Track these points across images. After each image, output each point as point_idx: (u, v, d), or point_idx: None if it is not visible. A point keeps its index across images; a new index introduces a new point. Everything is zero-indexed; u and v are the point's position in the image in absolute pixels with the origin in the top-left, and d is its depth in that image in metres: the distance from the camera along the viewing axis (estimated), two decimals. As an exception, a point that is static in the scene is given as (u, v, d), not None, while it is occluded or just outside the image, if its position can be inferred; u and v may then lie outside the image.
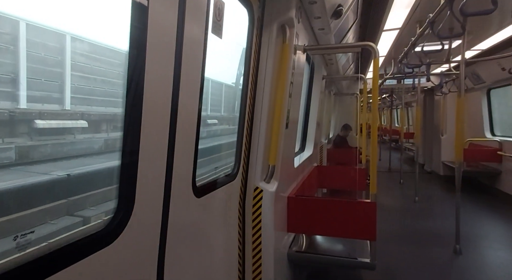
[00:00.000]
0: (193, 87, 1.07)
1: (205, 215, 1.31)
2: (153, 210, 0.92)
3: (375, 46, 1.98)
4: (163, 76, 0.90)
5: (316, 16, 2.07)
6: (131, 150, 0.81)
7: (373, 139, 2.07)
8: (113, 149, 8.84)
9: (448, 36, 2.14)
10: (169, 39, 0.91)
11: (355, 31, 3.31)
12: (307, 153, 3.50)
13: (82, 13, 3.01)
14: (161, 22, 0.86)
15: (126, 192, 0.81)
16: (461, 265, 2.81)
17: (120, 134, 0.82)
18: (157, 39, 0.85)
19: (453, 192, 3.04)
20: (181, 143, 1.02)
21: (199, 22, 1.05)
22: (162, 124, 0.92)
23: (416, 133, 5.75)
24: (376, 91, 2.01)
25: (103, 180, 5.72)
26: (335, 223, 2.03)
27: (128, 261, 0.83)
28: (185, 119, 1.03)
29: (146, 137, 0.84)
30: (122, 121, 0.80)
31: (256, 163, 1.70)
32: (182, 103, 0.99)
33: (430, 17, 2.28)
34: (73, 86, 7.95)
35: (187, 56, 0.98)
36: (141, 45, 0.80)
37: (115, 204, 0.80)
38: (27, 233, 0.78)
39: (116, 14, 1.18)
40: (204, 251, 1.31)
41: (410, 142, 10.55)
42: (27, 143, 6.65)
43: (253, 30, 1.60)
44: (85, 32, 6.32)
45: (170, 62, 0.92)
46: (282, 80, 1.70)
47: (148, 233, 0.91)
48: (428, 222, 3.96)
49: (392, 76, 5.07)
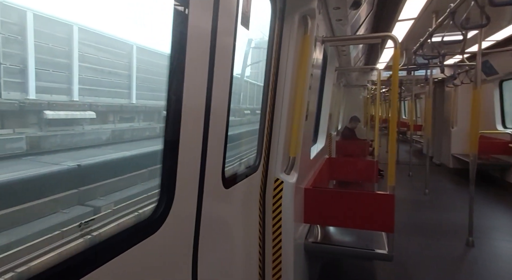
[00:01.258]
0: (224, 82, 1.10)
1: (231, 206, 1.33)
2: (190, 200, 0.95)
3: (396, 37, 1.95)
4: (200, 74, 0.94)
5: (336, 7, 2.04)
6: (172, 142, 0.85)
7: (391, 132, 2.05)
8: (120, 140, 8.86)
9: (472, 27, 2.09)
10: (205, 39, 0.95)
11: (369, 22, 3.26)
12: (320, 144, 3.50)
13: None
14: (199, 26, 0.91)
15: (168, 182, 0.84)
16: (474, 257, 2.82)
17: (162, 128, 0.85)
18: (195, 41, 0.90)
19: (463, 184, 3.03)
20: (213, 135, 1.03)
21: (230, 16, 1.08)
22: (198, 119, 0.95)
23: (426, 125, 5.71)
24: (396, 83, 1.98)
25: (112, 171, 5.75)
26: (353, 215, 2.04)
27: (169, 249, 0.87)
28: (217, 112, 1.05)
29: (185, 131, 0.88)
30: (165, 117, 0.85)
31: (277, 154, 1.70)
32: (215, 98, 1.03)
33: (451, 7, 2.23)
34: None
35: (219, 52, 1.02)
36: (182, 48, 0.85)
37: (158, 194, 0.83)
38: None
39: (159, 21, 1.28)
40: (229, 242, 1.34)
41: (418, 134, 10.48)
42: (37, 133, 6.68)
43: (275, 21, 1.58)
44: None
45: (205, 60, 0.96)
46: (303, 72, 1.69)
47: (186, 222, 0.94)
48: (439, 214, 3.96)
49: (406, 67, 5.00)
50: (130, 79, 9.40)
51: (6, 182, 4.05)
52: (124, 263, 0.69)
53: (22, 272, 1.59)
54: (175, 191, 0.84)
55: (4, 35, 5.76)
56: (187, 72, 0.86)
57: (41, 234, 3.55)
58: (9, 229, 3.62)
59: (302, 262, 2.06)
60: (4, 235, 3.52)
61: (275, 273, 1.71)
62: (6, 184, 4.00)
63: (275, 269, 1.72)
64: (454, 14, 2.24)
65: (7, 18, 5.81)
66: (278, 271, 1.71)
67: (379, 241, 2.15)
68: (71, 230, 2.96)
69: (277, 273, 1.72)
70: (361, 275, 2.58)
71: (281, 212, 1.70)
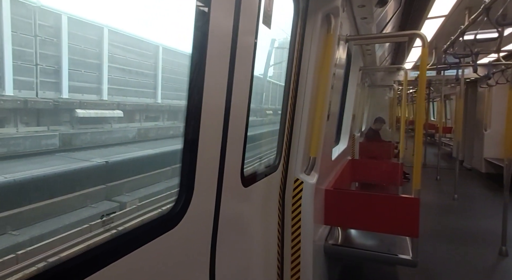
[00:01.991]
0: (244, 82, 1.10)
1: (249, 204, 1.33)
2: (208, 198, 0.96)
3: (424, 34, 1.87)
4: (220, 74, 0.95)
5: (361, 5, 1.99)
6: (192, 141, 0.86)
7: (418, 135, 1.98)
8: (145, 138, 9.10)
9: (508, 23, 1.97)
10: (226, 38, 0.96)
11: (396, 20, 3.16)
12: (342, 145, 3.44)
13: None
14: (220, 25, 0.91)
15: (187, 180, 0.86)
16: (508, 268, 2.66)
17: (182, 127, 0.86)
18: (216, 40, 0.90)
19: (496, 190, 2.87)
20: (232, 134, 1.04)
21: (252, 16, 1.08)
22: (217, 118, 0.97)
23: (456, 127, 5.45)
24: (424, 84, 1.91)
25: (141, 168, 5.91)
26: (375, 218, 1.98)
27: (187, 245, 0.88)
28: (237, 112, 1.06)
29: (204, 130, 0.89)
30: (184, 115, 0.86)
31: (297, 154, 1.69)
32: (235, 98, 1.04)
33: (486, 2, 2.12)
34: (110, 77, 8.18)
35: (240, 52, 1.02)
36: (202, 48, 0.86)
37: (177, 190, 0.84)
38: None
39: (180, 19, 1.29)
40: (247, 240, 1.34)
41: (447, 136, 10.02)
42: (70, 131, 7.00)
43: (297, 20, 1.57)
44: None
45: (226, 59, 0.97)
46: (326, 71, 1.66)
47: (204, 219, 0.95)
48: (469, 221, 3.77)
49: (435, 67, 4.80)
50: (156, 79, 9.67)
51: (42, 176, 4.29)
52: (142, 256, 0.71)
53: (52, 261, 1.68)
54: (193, 188, 0.86)
55: (41, 37, 6.11)
56: (207, 71, 0.87)
57: (70, 226, 3.74)
58: (41, 221, 3.84)
59: (322, 264, 2.03)
60: (38, 227, 3.73)
61: (293, 274, 1.70)
62: (42, 178, 4.25)
63: (293, 270, 1.71)
64: (488, 10, 2.12)
65: (45, 21, 6.17)
66: (297, 272, 1.70)
67: (402, 245, 2.07)
68: (95, 224, 3.08)
69: (295, 274, 1.70)
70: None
71: (301, 212, 1.68)
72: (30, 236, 3.42)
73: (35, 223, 3.74)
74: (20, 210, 3.63)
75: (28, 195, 3.88)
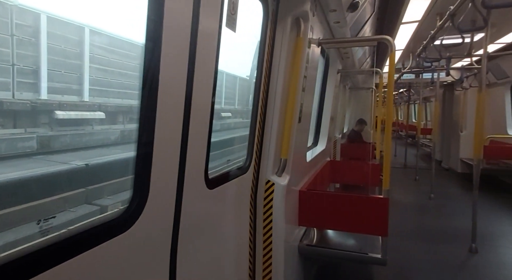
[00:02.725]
0: (206, 80, 1.09)
1: (217, 207, 1.33)
2: (167, 200, 0.95)
3: (392, 39, 1.93)
4: (178, 69, 0.93)
5: (332, 9, 2.03)
6: (146, 141, 0.84)
7: (387, 134, 2.04)
8: (128, 140, 8.94)
9: (469, 29, 2.05)
10: (184, 32, 0.92)
11: (372, 24, 3.24)
12: (320, 147, 3.48)
13: (100, 6, 3.01)
14: (177, 15, 0.88)
15: (141, 182, 0.84)
16: (476, 264, 2.76)
17: (135, 126, 0.85)
18: (172, 32, 0.87)
19: (470, 189, 2.97)
20: (194, 135, 1.04)
21: (213, 15, 1.07)
22: (176, 117, 0.95)
23: (434, 129, 5.62)
24: (392, 86, 1.97)
25: (120, 170, 5.84)
26: (347, 218, 2.03)
27: (142, 249, 0.86)
28: (199, 111, 1.05)
29: (161, 129, 0.87)
30: (138, 113, 0.83)
31: (268, 156, 1.71)
32: (196, 95, 1.01)
33: (451, 9, 2.20)
34: (92, 78, 8.04)
35: (201, 49, 1.00)
36: (157, 38, 0.82)
37: (130, 193, 0.83)
38: (48, 218, 0.83)
39: (132, 7, 1.23)
40: (216, 242, 1.34)
41: (428, 138, 10.29)
42: (48, 133, 6.81)
43: (267, 23, 1.60)
44: (104, 25, 6.34)
45: (185, 55, 0.94)
46: (296, 74, 1.69)
47: (161, 223, 0.94)
48: (444, 220, 3.89)
49: (410, 70, 4.94)
50: (140, 81, 9.49)
51: (17, 179, 4.15)
52: (88, 260, 0.69)
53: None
54: (149, 190, 0.84)
55: (19, 37, 5.93)
56: (162, 68, 0.83)
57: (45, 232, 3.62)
58: (14, 227, 3.72)
59: (295, 264, 2.05)
60: (12, 232, 3.61)
61: (265, 275, 1.72)
62: (17, 182, 4.11)
63: (265, 270, 1.72)
64: (454, 16, 2.21)
65: (22, 20, 5.98)
66: (269, 273, 1.72)
67: (374, 245, 2.13)
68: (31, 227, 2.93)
69: (267, 275, 1.72)
70: (357, 279, 2.55)
71: (272, 213, 1.70)
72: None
73: (9, 229, 3.62)
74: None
75: (1, 199, 3.75)
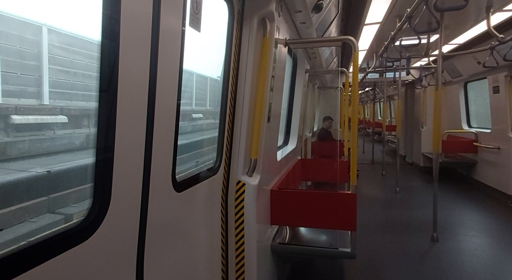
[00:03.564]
0: (170, 81, 1.06)
1: (186, 210, 1.31)
2: (131, 206, 0.92)
3: (355, 40, 2.01)
4: (139, 69, 0.89)
5: (297, 10, 2.07)
6: (106, 145, 0.80)
7: (353, 132, 2.12)
8: (95, 145, 8.57)
9: (425, 31, 2.20)
10: (144, 30, 0.89)
11: (337, 25, 3.34)
12: (291, 146, 3.54)
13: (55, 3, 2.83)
14: (135, 12, 0.84)
15: (102, 188, 0.80)
16: (438, 252, 2.94)
17: (94, 130, 0.81)
18: (131, 30, 0.83)
19: (432, 182, 3.15)
20: (159, 137, 1.01)
21: (175, 14, 1.05)
22: (138, 119, 0.91)
23: (398, 125, 5.90)
24: (356, 85, 2.04)
25: (87, 176, 5.57)
26: (317, 215, 2.07)
27: (106, 257, 0.82)
28: (163, 112, 1.03)
29: (122, 132, 0.83)
30: (96, 116, 0.79)
31: (238, 156, 1.71)
32: (160, 96, 0.99)
33: (408, 11, 2.33)
34: (51, 80, 7.63)
35: (163, 49, 0.97)
36: (114, 36, 0.78)
37: (90, 200, 0.80)
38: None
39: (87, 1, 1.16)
40: (186, 246, 1.32)
41: (393, 134, 10.79)
42: (4, 139, 6.41)
43: (233, 24, 1.59)
44: (63, 24, 6.06)
45: (146, 54, 0.91)
46: (263, 74, 1.71)
47: (126, 229, 0.90)
48: (408, 212, 4.10)
49: (374, 70, 5.16)
50: (97, 81, 9.12)
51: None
52: (44, 273, 0.65)
53: None
54: (110, 196, 0.80)
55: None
56: (121, 64, 0.80)
57: (4, 245, 3.37)
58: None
59: (268, 263, 2.07)
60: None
61: (238, 276, 1.72)
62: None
63: (238, 271, 1.72)
64: (411, 19, 2.34)
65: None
66: (242, 274, 1.72)
67: (344, 239, 2.20)
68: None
69: (240, 275, 1.72)
70: (330, 274, 2.62)
71: (244, 214, 1.70)
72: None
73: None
74: None
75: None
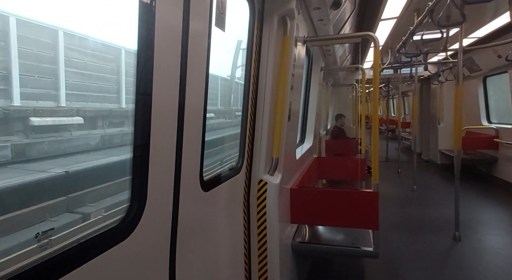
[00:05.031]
0: (198, 82, 1.07)
1: (212, 209, 1.32)
2: (164, 205, 0.93)
3: (376, 36, 1.97)
4: (171, 72, 0.92)
5: (316, 7, 2.05)
6: (142, 146, 0.83)
7: (374, 129, 2.08)
8: (109, 145, 8.72)
9: (448, 25, 2.14)
10: (175, 36, 0.92)
11: (352, 21, 3.29)
12: (307, 144, 3.51)
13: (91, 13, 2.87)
14: (167, 19, 0.88)
15: (138, 188, 0.82)
16: (460, 252, 2.86)
17: (131, 131, 0.83)
18: (164, 36, 0.86)
19: (450, 180, 3.09)
20: (188, 138, 1.02)
21: (203, 16, 1.06)
22: (170, 120, 0.93)
23: (413, 122, 5.79)
24: (377, 81, 2.00)
25: (102, 176, 5.68)
26: (338, 213, 2.05)
27: (142, 256, 0.85)
28: (192, 114, 1.04)
29: (156, 133, 0.85)
30: (133, 118, 0.82)
31: (260, 155, 1.70)
32: (189, 98, 1.00)
33: (429, 5, 2.27)
34: (68, 82, 7.75)
35: (192, 51, 0.99)
36: (149, 44, 0.82)
37: (128, 199, 0.81)
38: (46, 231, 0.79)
39: (123, 13, 1.21)
40: (212, 244, 1.33)
41: (407, 131, 10.60)
42: (23, 141, 6.54)
43: (254, 22, 1.59)
44: (80, 28, 6.15)
45: (177, 58, 0.94)
46: (284, 72, 1.69)
47: (160, 228, 0.92)
48: (427, 210, 4.01)
49: (390, 66, 5.07)
50: (119, 84, 9.28)
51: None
52: (89, 272, 0.67)
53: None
54: (147, 197, 0.82)
55: (-14, 41, 5.65)
56: (156, 72, 0.83)
57: (26, 243, 3.47)
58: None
59: (289, 262, 2.06)
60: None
61: (261, 275, 1.71)
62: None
63: (261, 270, 1.72)
64: (432, 12, 2.28)
65: (-10, 24, 5.70)
66: (264, 272, 1.71)
67: (365, 238, 2.16)
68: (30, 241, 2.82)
69: (263, 274, 1.71)
70: (350, 273, 2.59)
71: (266, 213, 1.69)
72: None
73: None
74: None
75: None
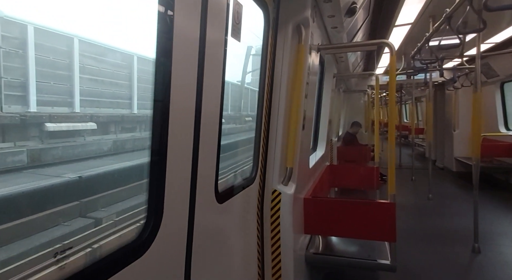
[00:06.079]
0: (214, 92, 1.06)
1: (226, 221, 1.29)
2: (180, 219, 0.92)
3: (392, 43, 1.93)
4: (188, 82, 0.91)
5: (330, 15, 2.03)
6: (159, 161, 0.81)
7: (390, 137, 2.02)
8: (122, 150, 8.80)
9: (468, 31, 2.08)
10: (193, 45, 0.91)
11: (366, 27, 3.26)
12: (320, 152, 3.47)
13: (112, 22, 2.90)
14: (185, 30, 0.87)
15: (155, 203, 0.81)
16: (480, 264, 2.76)
17: (148, 142, 0.82)
18: (182, 46, 0.86)
19: (467, 188, 2.98)
20: (204, 148, 1.01)
21: (219, 27, 1.05)
22: (187, 130, 0.92)
23: (428, 128, 5.66)
24: (393, 88, 1.96)
25: (114, 181, 5.71)
26: (353, 224, 2.00)
27: (159, 271, 0.83)
28: (208, 124, 1.02)
29: (173, 143, 0.84)
30: (150, 128, 0.81)
31: (273, 165, 1.68)
32: (205, 108, 0.99)
33: (447, 11, 2.23)
34: (82, 89, 7.88)
35: (209, 61, 0.98)
36: (167, 52, 0.81)
37: (144, 213, 0.79)
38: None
39: (143, 24, 1.23)
40: (226, 256, 1.30)
41: (420, 137, 10.40)
42: (39, 146, 6.68)
43: (268, 31, 1.58)
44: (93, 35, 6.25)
45: (194, 67, 0.93)
46: (299, 81, 1.67)
47: (176, 242, 0.90)
48: (444, 220, 3.89)
49: (405, 72, 4.99)
50: (131, 89, 9.44)
51: (8, 195, 4.03)
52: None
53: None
54: (163, 211, 0.80)
55: (5, 49, 5.82)
56: (173, 78, 0.82)
57: (40, 247, 3.51)
58: (8, 244, 3.59)
59: (303, 273, 2.01)
60: (4, 250, 3.47)
61: None
62: (8, 198, 3.99)
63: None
64: (450, 19, 2.23)
65: (9, 32, 5.89)
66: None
67: (382, 250, 2.10)
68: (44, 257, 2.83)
69: None
70: None
71: (280, 223, 1.66)
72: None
73: (3, 246, 3.50)
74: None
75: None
